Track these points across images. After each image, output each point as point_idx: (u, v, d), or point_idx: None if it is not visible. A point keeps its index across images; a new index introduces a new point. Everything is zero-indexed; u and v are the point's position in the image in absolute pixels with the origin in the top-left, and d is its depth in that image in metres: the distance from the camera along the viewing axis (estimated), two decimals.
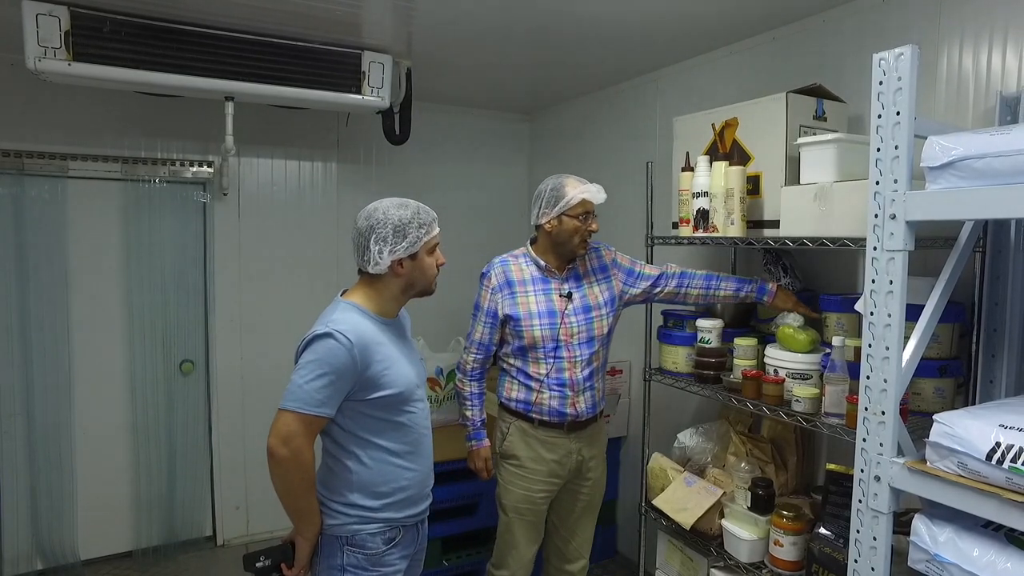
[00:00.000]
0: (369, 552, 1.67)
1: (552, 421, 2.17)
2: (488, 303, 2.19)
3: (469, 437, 2.28)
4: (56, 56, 2.27)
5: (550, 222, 2.13)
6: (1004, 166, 1.22)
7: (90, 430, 3.14)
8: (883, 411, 1.41)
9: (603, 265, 2.28)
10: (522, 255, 2.24)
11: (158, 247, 3.19)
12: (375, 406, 1.65)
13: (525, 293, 2.17)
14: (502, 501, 2.27)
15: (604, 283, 2.25)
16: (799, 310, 2.07)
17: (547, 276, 2.20)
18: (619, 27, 2.44)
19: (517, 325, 2.15)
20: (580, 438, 2.22)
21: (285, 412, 1.56)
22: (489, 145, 3.99)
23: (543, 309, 2.15)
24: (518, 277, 2.20)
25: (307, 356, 1.59)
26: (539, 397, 2.16)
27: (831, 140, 1.82)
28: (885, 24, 2.07)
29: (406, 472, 1.71)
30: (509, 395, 2.23)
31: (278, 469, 1.57)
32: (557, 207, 2.11)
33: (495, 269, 2.21)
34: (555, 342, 2.14)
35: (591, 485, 2.30)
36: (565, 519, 2.33)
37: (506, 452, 2.23)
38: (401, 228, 1.65)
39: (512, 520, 2.24)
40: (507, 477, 2.24)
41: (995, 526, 1.28)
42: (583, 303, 2.19)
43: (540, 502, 2.24)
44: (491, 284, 2.19)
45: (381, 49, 2.79)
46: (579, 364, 2.16)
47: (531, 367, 2.17)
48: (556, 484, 2.23)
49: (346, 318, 1.63)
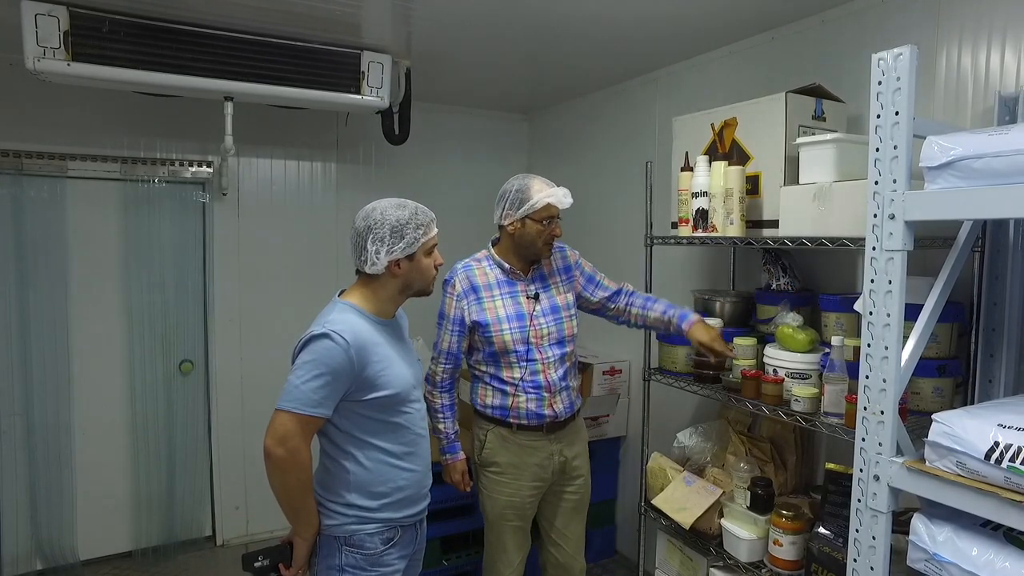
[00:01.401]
0: (367, 552, 1.67)
1: (531, 424, 2.13)
2: (454, 311, 2.13)
3: (443, 451, 2.21)
4: (55, 56, 2.27)
5: (513, 224, 2.09)
6: (1003, 166, 1.22)
7: (89, 430, 3.14)
8: (882, 411, 1.41)
9: (567, 266, 2.26)
10: (485, 258, 2.19)
11: (157, 247, 3.19)
12: (372, 407, 1.65)
13: (492, 298, 2.12)
14: (486, 510, 2.21)
15: (568, 283, 2.23)
16: (715, 346, 2.06)
17: (512, 279, 2.15)
18: (618, 27, 2.44)
19: (486, 331, 2.10)
20: (560, 438, 2.19)
21: (282, 412, 1.56)
22: (488, 145, 3.99)
23: (511, 312, 2.11)
24: (483, 282, 2.14)
25: (304, 356, 1.59)
26: (515, 401, 2.12)
27: (830, 140, 1.82)
28: (884, 24, 2.07)
29: (404, 472, 1.71)
30: (484, 401, 2.17)
31: (275, 469, 1.57)
32: (521, 209, 2.06)
33: (459, 275, 2.15)
34: (526, 345, 2.10)
35: (578, 484, 2.26)
36: (554, 523, 2.28)
37: (486, 460, 2.17)
38: (398, 228, 1.65)
39: (499, 527, 2.19)
40: (489, 486, 2.18)
41: (994, 525, 1.28)
42: (551, 303, 2.17)
43: (526, 507, 2.19)
44: (455, 291, 2.13)
45: (380, 49, 2.79)
46: (552, 365, 2.13)
47: (504, 372, 2.12)
48: (540, 487, 2.19)
49: (343, 318, 1.63)
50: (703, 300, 2.44)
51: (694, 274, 2.82)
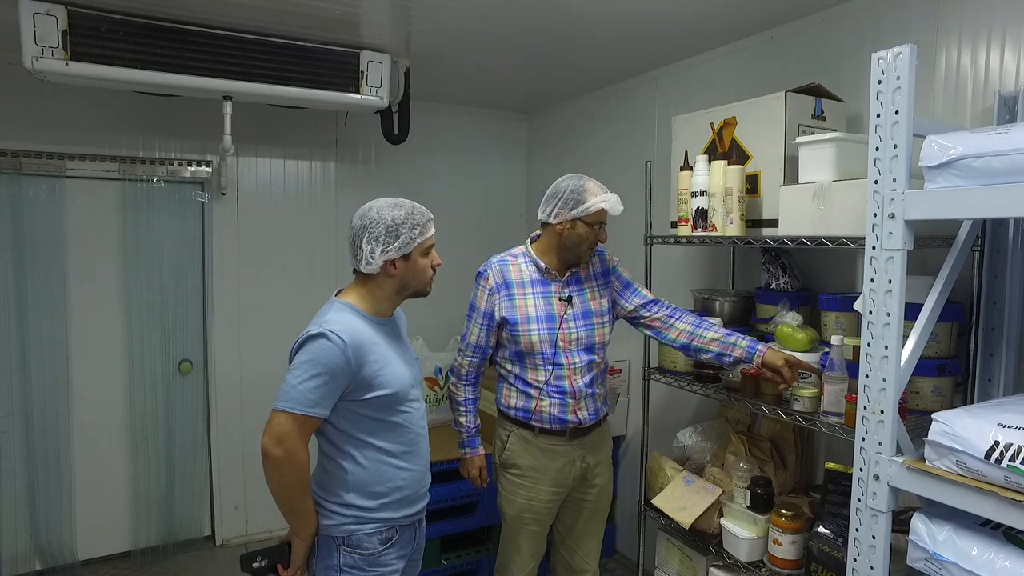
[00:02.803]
0: (365, 552, 1.66)
1: (554, 428, 2.09)
2: (484, 304, 2.09)
3: (462, 444, 2.20)
4: (53, 56, 2.26)
5: (563, 224, 2.03)
6: (1002, 165, 1.22)
7: (88, 430, 3.14)
8: (882, 410, 1.41)
9: (605, 271, 2.20)
10: (521, 255, 2.14)
11: (156, 247, 3.18)
12: (370, 406, 1.65)
13: (523, 296, 2.08)
14: (504, 511, 2.19)
15: (604, 288, 2.17)
16: (785, 374, 1.87)
17: (547, 279, 2.10)
18: (617, 26, 2.44)
19: (513, 329, 2.06)
20: (583, 445, 2.13)
21: (279, 412, 1.55)
22: (487, 144, 3.99)
23: (541, 313, 2.06)
24: (516, 279, 2.10)
25: (301, 356, 1.58)
26: (539, 405, 2.08)
27: (830, 139, 1.82)
28: (883, 23, 2.07)
29: (402, 472, 1.71)
30: (508, 402, 2.14)
31: (272, 470, 1.56)
32: (575, 210, 2.00)
33: (492, 269, 2.11)
34: (553, 348, 2.05)
35: (597, 492, 2.21)
36: (571, 528, 2.24)
37: (507, 461, 2.14)
38: (394, 228, 1.65)
39: (515, 529, 2.17)
40: (508, 487, 2.16)
41: (993, 525, 1.28)
42: (583, 308, 2.11)
43: (544, 512, 2.15)
44: (488, 284, 2.09)
45: (379, 48, 2.79)
46: (579, 371, 2.08)
47: (529, 374, 2.08)
48: (560, 493, 2.15)
49: (340, 318, 1.63)
50: (702, 300, 2.44)
51: (693, 273, 2.82)
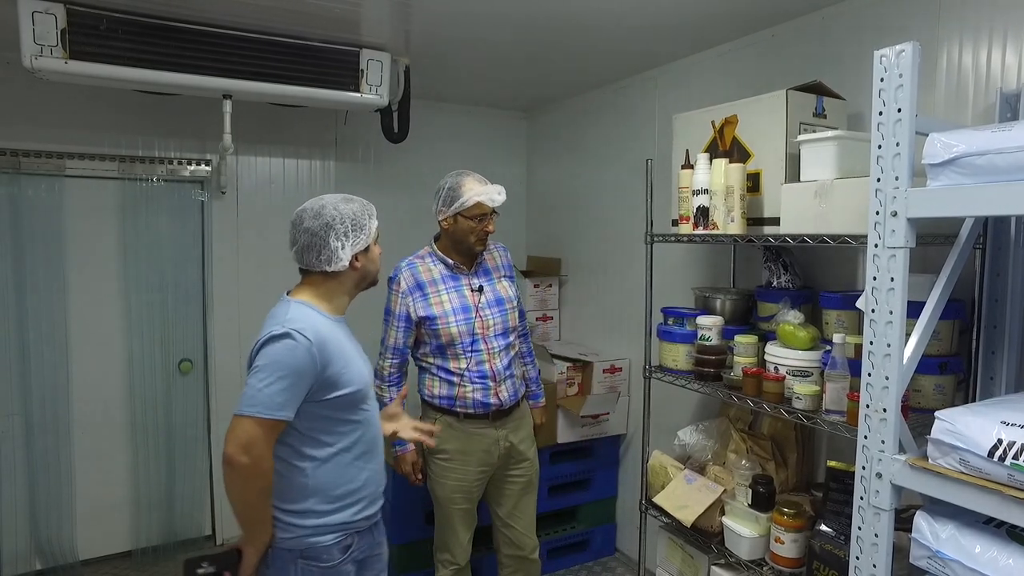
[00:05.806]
0: (324, 564, 1.60)
1: (477, 413, 2.25)
2: (399, 307, 2.23)
3: (394, 444, 2.26)
4: (52, 54, 2.26)
5: (446, 220, 2.20)
6: (1005, 163, 1.22)
7: (88, 430, 3.14)
8: (884, 408, 1.41)
9: (508, 264, 2.42)
10: (428, 255, 2.29)
11: (156, 246, 3.18)
12: (333, 406, 1.61)
13: (437, 293, 2.23)
14: (436, 494, 2.34)
15: (510, 279, 2.40)
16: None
17: (456, 273, 2.27)
18: (618, 24, 2.43)
19: (433, 324, 2.20)
20: (505, 425, 2.31)
21: (243, 418, 1.50)
22: (488, 143, 3.98)
23: (457, 306, 2.22)
24: (428, 278, 2.24)
25: (263, 359, 1.53)
26: (461, 391, 2.23)
27: (831, 137, 1.82)
28: (884, 21, 2.07)
29: (362, 472, 1.68)
30: (431, 392, 2.28)
31: (236, 478, 1.50)
32: (453, 206, 2.16)
33: (403, 273, 2.25)
34: (472, 336, 2.22)
35: (526, 466, 2.39)
36: (504, 505, 2.41)
37: (434, 447, 2.21)
38: (357, 221, 1.66)
39: (448, 510, 2.33)
40: (438, 472, 2.30)
41: (997, 523, 1.28)
42: (495, 295, 2.29)
43: (473, 490, 2.33)
44: (400, 288, 2.23)
45: (379, 47, 2.78)
46: (497, 355, 2.26)
47: (451, 363, 2.23)
48: (486, 472, 2.32)
49: (302, 315, 1.59)
50: (704, 298, 2.43)
51: (695, 272, 2.81)
